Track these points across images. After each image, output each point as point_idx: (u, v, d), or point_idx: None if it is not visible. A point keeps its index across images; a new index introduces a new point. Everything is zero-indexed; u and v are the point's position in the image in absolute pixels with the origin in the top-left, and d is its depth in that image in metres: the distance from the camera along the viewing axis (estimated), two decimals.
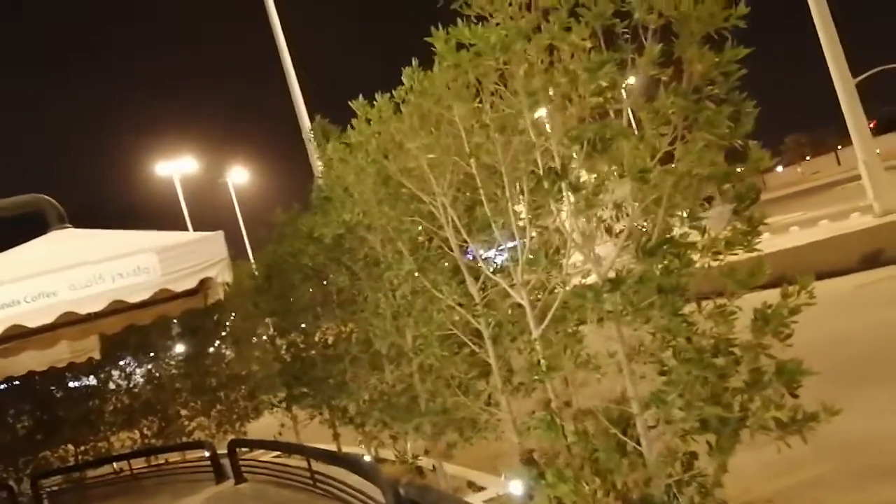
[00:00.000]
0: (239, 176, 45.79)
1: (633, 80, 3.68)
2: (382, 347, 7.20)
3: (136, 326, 8.65)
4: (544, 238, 4.64)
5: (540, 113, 4.01)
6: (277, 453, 10.66)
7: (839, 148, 70.32)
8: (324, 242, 7.43)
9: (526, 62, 3.61)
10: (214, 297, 6.91)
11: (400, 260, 5.14)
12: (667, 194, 3.53)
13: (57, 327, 7.13)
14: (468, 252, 5.39)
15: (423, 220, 5.20)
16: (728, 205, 3.67)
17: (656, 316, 3.30)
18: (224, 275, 5.64)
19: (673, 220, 3.73)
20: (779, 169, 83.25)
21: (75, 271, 5.38)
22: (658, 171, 3.45)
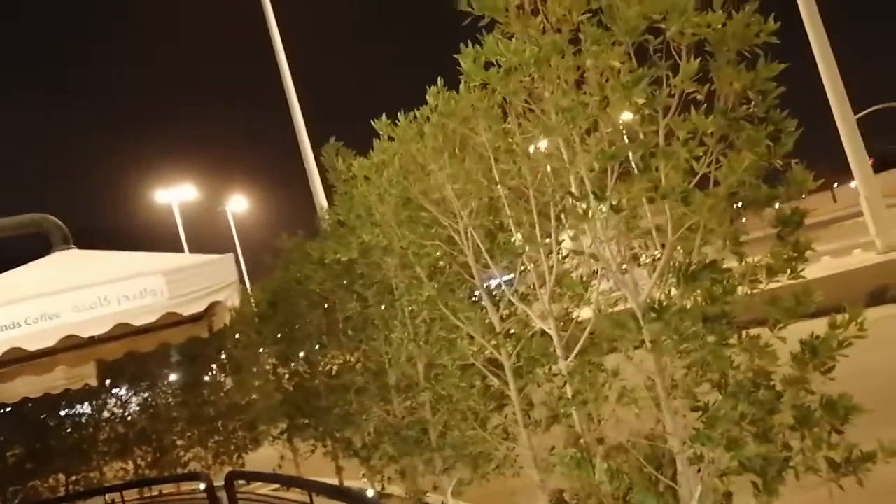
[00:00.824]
0: (238, 204, 45.79)
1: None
2: (392, 378, 6.99)
3: (134, 353, 8.42)
4: (575, 263, 4.49)
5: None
6: (276, 486, 10.34)
7: (835, 185, 70.63)
8: (333, 268, 7.26)
9: (558, 79, 3.48)
10: (220, 323, 6.71)
11: (419, 285, 4.97)
12: (705, 218, 3.38)
13: (56, 352, 6.90)
14: (486, 279, 5.22)
15: (444, 245, 5.04)
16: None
17: (701, 346, 3.12)
18: (233, 299, 5.44)
19: (706, 247, 3.58)
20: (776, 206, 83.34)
21: (79, 293, 5.18)
22: (698, 195, 3.30)
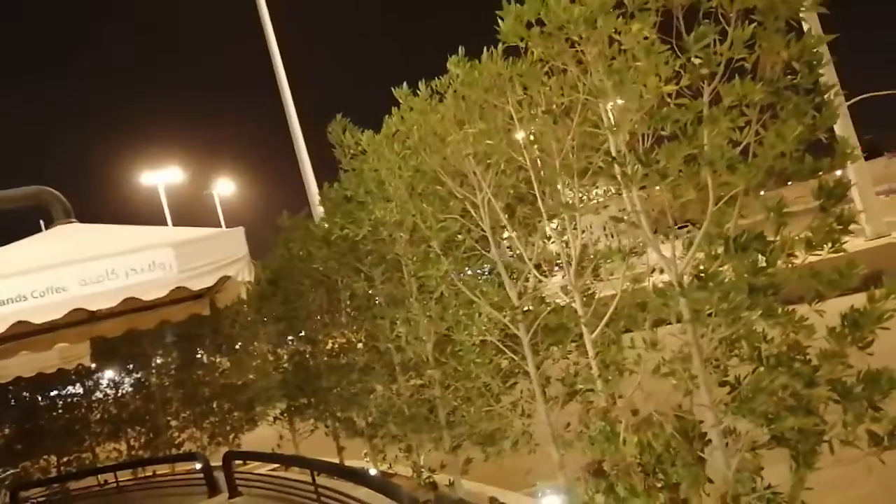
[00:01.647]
0: (225, 188, 45.32)
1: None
2: (398, 357, 6.91)
3: (135, 331, 8.27)
4: (596, 238, 4.41)
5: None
6: (274, 467, 10.25)
7: (820, 174, 71.00)
8: (338, 246, 7.14)
9: (602, 41, 3.38)
10: (226, 300, 6.57)
11: (437, 259, 4.87)
12: (749, 187, 3.31)
13: (58, 328, 6.76)
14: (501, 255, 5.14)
15: (460, 218, 4.95)
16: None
17: (741, 319, 3.06)
18: (244, 273, 5.31)
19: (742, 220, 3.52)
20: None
21: (86, 265, 5.03)
22: (744, 163, 3.23)
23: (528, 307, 4.94)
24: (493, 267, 5.13)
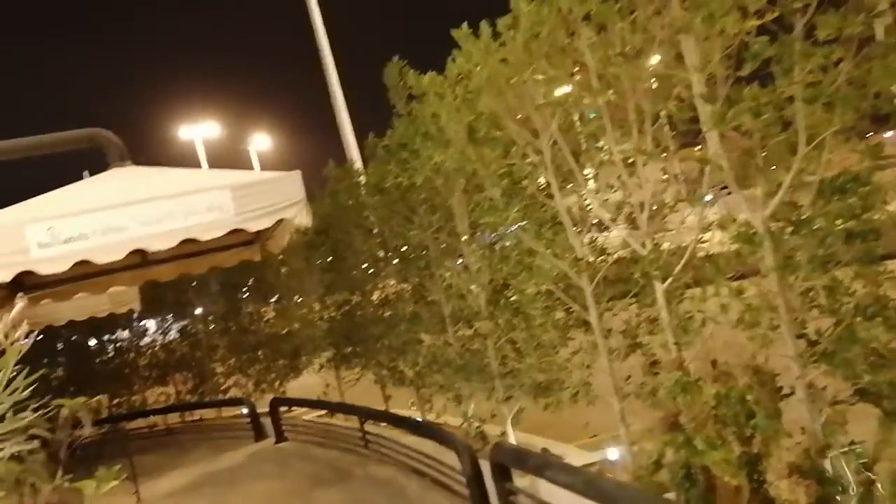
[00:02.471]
0: (262, 143, 45.37)
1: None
2: (449, 308, 6.85)
3: (187, 276, 8.34)
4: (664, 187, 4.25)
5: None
6: (318, 413, 10.36)
7: None
8: (390, 194, 7.05)
9: None
10: (277, 246, 6.55)
11: (500, 207, 4.73)
12: (844, 126, 3.12)
13: (113, 271, 6.81)
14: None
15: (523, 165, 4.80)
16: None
17: (842, 265, 2.90)
18: (301, 217, 5.24)
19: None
20: None
21: (145, 206, 5.01)
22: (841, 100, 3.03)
23: (590, 258, 4.82)
24: (554, 215, 4.98)
